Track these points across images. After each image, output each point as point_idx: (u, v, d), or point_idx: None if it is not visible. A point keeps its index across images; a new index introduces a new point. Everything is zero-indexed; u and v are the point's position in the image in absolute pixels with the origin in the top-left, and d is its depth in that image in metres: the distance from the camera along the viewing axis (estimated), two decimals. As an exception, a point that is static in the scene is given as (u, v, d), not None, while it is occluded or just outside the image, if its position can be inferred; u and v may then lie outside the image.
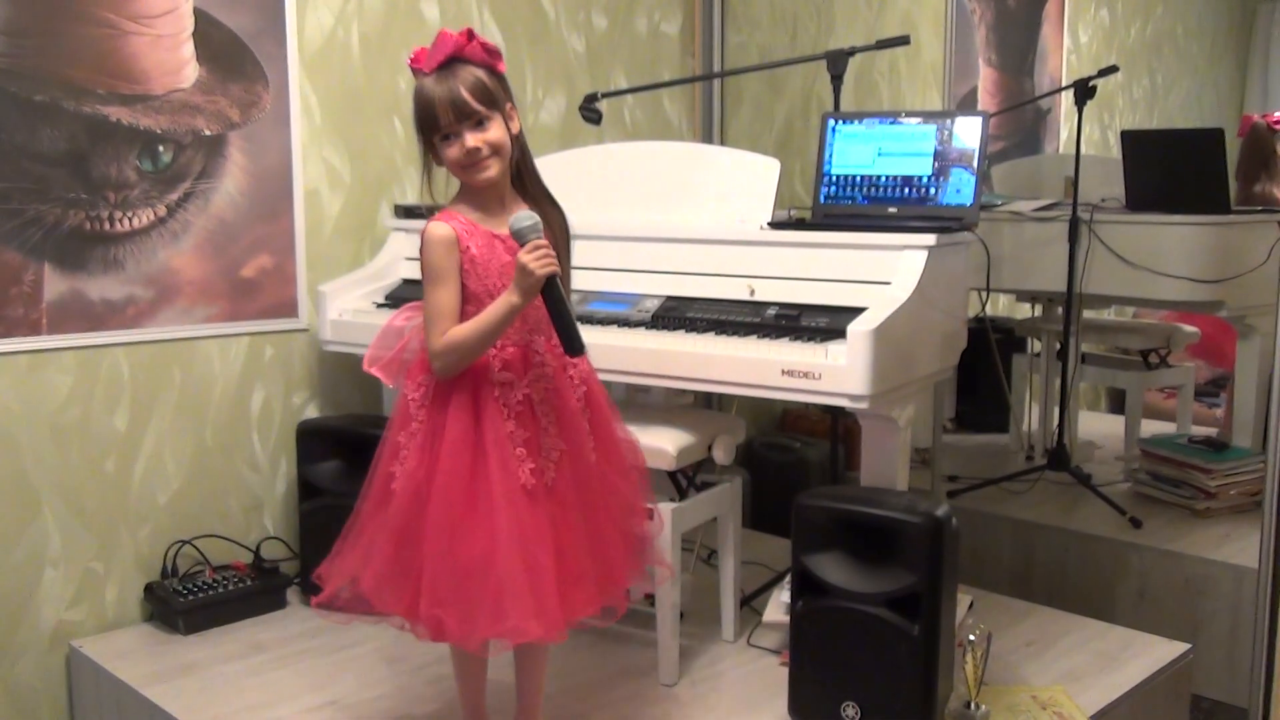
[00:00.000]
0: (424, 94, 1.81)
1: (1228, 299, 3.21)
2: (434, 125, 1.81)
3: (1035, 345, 4.15)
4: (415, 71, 1.84)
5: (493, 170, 1.83)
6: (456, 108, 1.79)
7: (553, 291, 1.77)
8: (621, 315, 2.43)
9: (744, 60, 3.83)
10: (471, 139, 1.80)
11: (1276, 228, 3.24)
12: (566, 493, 1.86)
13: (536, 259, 1.74)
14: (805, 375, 2.11)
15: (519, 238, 1.78)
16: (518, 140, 1.88)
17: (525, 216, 1.79)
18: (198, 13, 2.66)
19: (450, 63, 1.81)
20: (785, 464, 3.73)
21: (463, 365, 1.82)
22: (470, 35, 1.81)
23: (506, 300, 1.77)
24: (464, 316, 1.82)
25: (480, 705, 2.07)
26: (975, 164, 2.41)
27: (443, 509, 1.79)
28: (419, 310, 1.88)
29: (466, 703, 2.07)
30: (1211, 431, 3.83)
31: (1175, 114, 5.19)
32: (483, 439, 1.81)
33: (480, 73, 1.81)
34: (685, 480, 2.42)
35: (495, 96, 1.82)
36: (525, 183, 1.91)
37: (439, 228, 1.83)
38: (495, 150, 1.82)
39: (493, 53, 1.84)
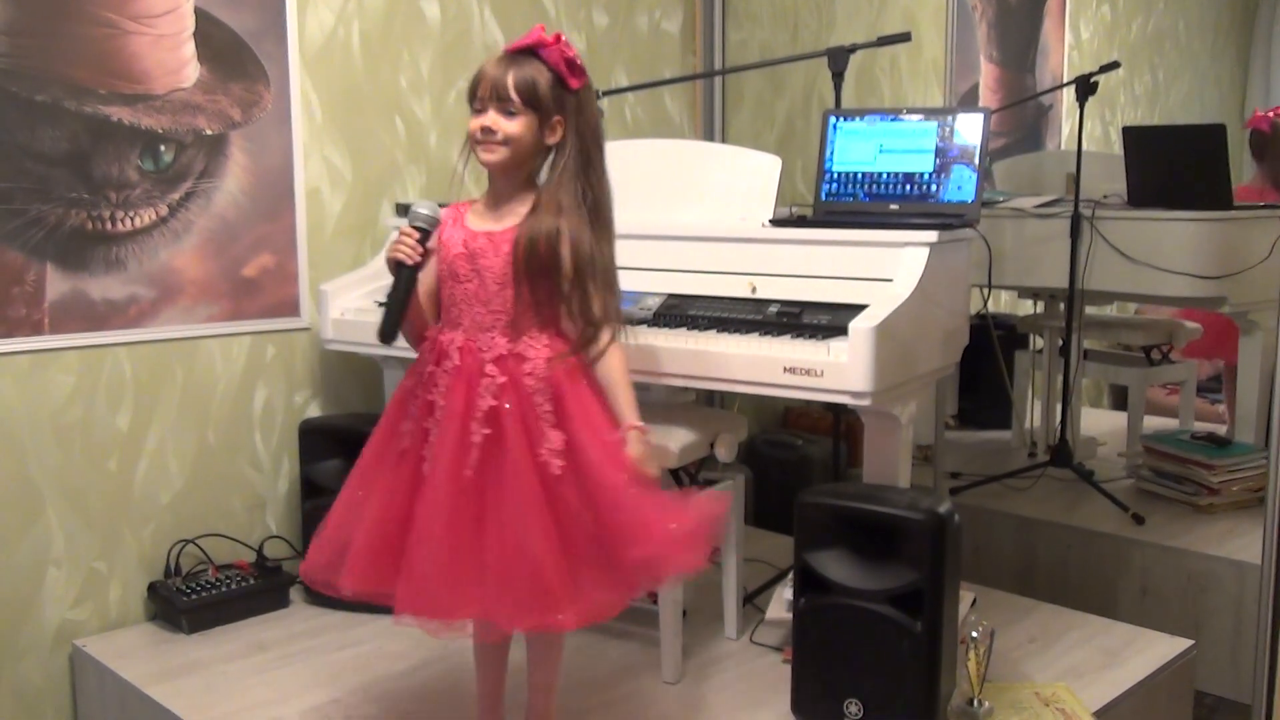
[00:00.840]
0: (481, 67, 1.87)
1: (1230, 295, 3.21)
2: (473, 95, 1.87)
3: (1037, 342, 4.15)
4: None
5: (494, 157, 1.86)
6: (495, 88, 1.83)
7: (398, 276, 1.88)
8: (623, 313, 2.43)
9: (745, 58, 3.83)
10: (491, 119, 1.84)
11: (1279, 223, 3.24)
12: (431, 487, 1.84)
13: (394, 241, 1.88)
14: (807, 372, 2.11)
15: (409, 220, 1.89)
16: (551, 150, 1.90)
17: (422, 205, 1.89)
18: (198, 12, 2.66)
19: (525, 52, 1.85)
20: (787, 461, 3.73)
21: (409, 334, 1.96)
22: (558, 39, 1.85)
23: None
24: (439, 295, 1.94)
25: (495, 704, 2.06)
26: (977, 160, 2.41)
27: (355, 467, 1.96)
28: None
29: (481, 697, 2.07)
30: (1214, 427, 3.82)
31: (1177, 110, 5.19)
32: (392, 405, 1.96)
33: (543, 74, 1.84)
34: (688, 478, 2.42)
35: (541, 100, 1.84)
36: (550, 190, 1.88)
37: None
38: (507, 141, 1.85)
39: (572, 66, 1.86)
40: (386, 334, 1.88)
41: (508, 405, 1.83)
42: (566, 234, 1.86)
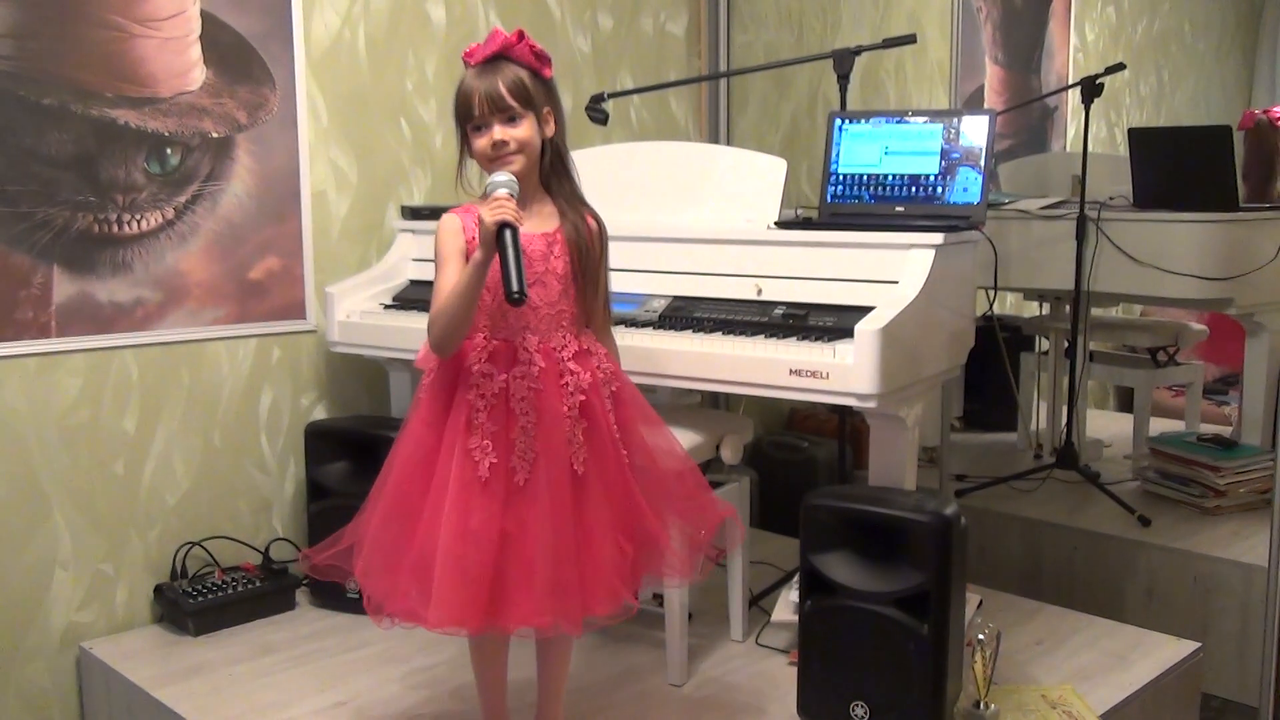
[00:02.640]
0: (464, 85, 1.88)
1: (1236, 296, 3.21)
2: (468, 115, 1.87)
3: (1043, 344, 4.15)
4: (466, 64, 1.90)
5: (515, 166, 1.86)
6: (492, 100, 1.85)
7: (503, 239, 1.76)
8: (629, 315, 2.43)
9: (750, 60, 3.83)
10: (500, 132, 1.85)
11: (1286, 224, 3.23)
12: (539, 495, 1.83)
13: (490, 208, 1.76)
14: (813, 375, 2.11)
15: (487, 190, 1.82)
16: (550, 143, 1.93)
17: (499, 175, 1.83)
18: (205, 15, 2.67)
19: (496, 59, 1.87)
20: (793, 463, 3.73)
21: (450, 334, 1.84)
22: (521, 36, 1.88)
23: (473, 258, 1.81)
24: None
25: (499, 707, 2.06)
26: (982, 162, 2.41)
27: (394, 485, 1.88)
28: None
29: (485, 702, 2.07)
30: (1220, 429, 3.82)
31: (1182, 111, 5.18)
32: (449, 425, 1.86)
33: (523, 73, 1.87)
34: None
35: (532, 97, 1.87)
36: (556, 185, 1.95)
37: (447, 218, 1.91)
38: (521, 147, 1.87)
39: (541, 56, 1.90)
40: (516, 296, 1.74)
41: (591, 399, 1.88)
42: (598, 229, 1.97)
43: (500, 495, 1.82)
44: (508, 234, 1.76)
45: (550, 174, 1.94)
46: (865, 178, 2.52)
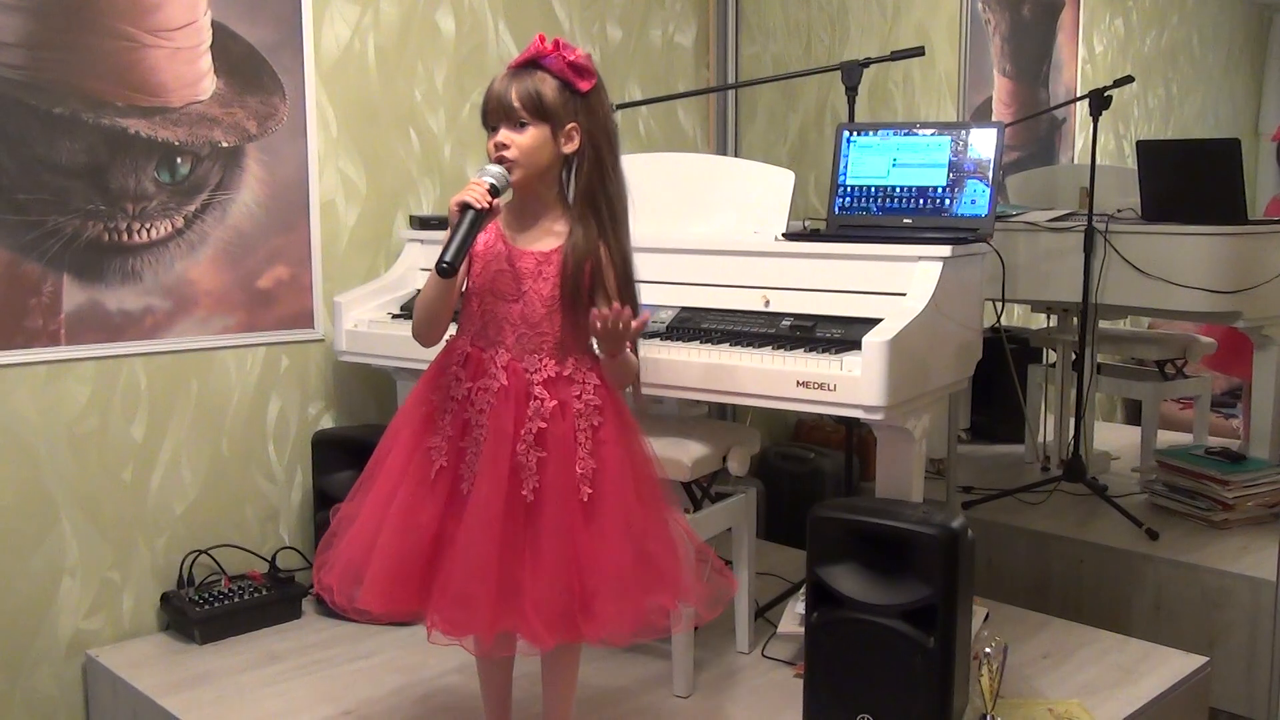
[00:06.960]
0: (488, 86, 1.85)
1: (1245, 309, 3.20)
2: (483, 115, 1.86)
3: (1051, 356, 4.14)
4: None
5: (513, 175, 1.83)
6: (501, 104, 1.82)
7: (463, 216, 1.77)
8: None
9: (758, 71, 3.84)
10: (503, 135, 1.82)
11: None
12: (473, 510, 1.81)
13: (463, 190, 1.77)
14: (820, 386, 2.11)
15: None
16: (567, 160, 1.86)
17: (494, 165, 1.82)
18: (216, 26, 2.68)
19: (528, 64, 1.84)
20: (800, 475, 3.73)
21: (423, 322, 1.89)
22: (556, 45, 1.83)
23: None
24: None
25: (503, 716, 2.06)
26: (990, 175, 2.41)
27: (363, 474, 1.92)
28: None
29: (489, 714, 2.06)
30: (1228, 442, 3.80)
31: (1190, 124, 5.18)
32: (419, 418, 1.89)
33: (548, 83, 1.82)
34: (700, 491, 2.42)
35: (549, 109, 1.81)
36: (578, 207, 1.86)
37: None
38: (521, 156, 1.82)
39: (579, 69, 1.83)
40: (451, 268, 1.74)
41: (557, 428, 1.82)
42: (609, 256, 1.86)
43: (443, 498, 1.84)
44: (469, 214, 1.76)
45: (576, 191, 1.87)
46: (873, 190, 2.53)
